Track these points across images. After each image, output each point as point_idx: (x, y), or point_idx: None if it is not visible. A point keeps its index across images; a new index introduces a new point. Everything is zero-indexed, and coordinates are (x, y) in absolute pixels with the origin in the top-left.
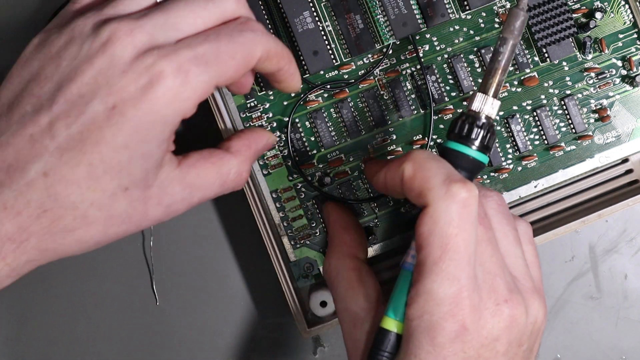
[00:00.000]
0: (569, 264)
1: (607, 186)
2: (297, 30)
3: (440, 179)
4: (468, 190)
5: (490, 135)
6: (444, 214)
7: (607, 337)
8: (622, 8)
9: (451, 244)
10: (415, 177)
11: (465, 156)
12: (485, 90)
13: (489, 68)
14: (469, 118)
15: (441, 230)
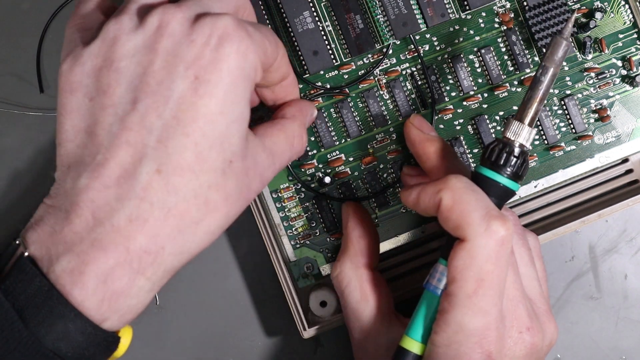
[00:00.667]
0: (569, 264)
1: (607, 186)
2: (297, 30)
3: (480, 214)
4: (507, 229)
5: (524, 164)
6: (482, 251)
7: (607, 337)
8: (622, 8)
9: (487, 280)
10: (454, 210)
11: (497, 184)
12: (521, 118)
13: (528, 96)
14: (504, 146)
15: (478, 267)
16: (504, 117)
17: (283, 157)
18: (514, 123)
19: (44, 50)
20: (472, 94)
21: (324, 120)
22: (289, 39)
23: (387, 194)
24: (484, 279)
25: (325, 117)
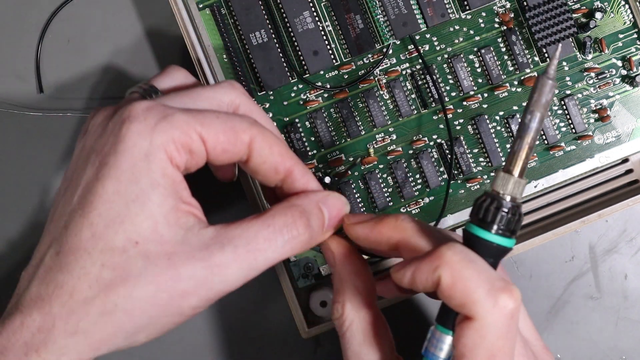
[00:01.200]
0: (569, 264)
1: (607, 186)
2: (297, 30)
3: (485, 288)
4: (515, 300)
5: (517, 218)
6: (493, 329)
7: (607, 337)
8: (622, 8)
9: (498, 355)
10: (456, 287)
11: (490, 244)
12: (510, 169)
13: (517, 146)
14: (494, 202)
15: (490, 344)
16: (504, 117)
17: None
18: (502, 176)
19: (44, 50)
20: (472, 94)
21: (324, 120)
22: (289, 39)
23: (387, 193)
24: (495, 355)
25: (325, 117)
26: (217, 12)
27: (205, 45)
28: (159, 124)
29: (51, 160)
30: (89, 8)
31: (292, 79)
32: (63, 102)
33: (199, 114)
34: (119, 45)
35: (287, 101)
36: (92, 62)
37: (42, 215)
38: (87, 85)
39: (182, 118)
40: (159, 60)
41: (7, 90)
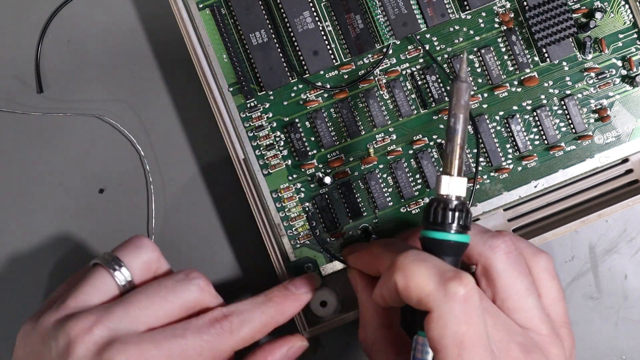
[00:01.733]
0: (569, 264)
1: (607, 186)
2: (297, 30)
3: (434, 281)
4: (465, 285)
5: (466, 214)
6: (449, 316)
7: (607, 337)
8: (622, 8)
9: (465, 340)
10: (409, 287)
11: (446, 242)
12: (447, 171)
13: (450, 148)
14: (440, 203)
15: (452, 332)
16: (504, 117)
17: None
18: (443, 178)
19: (43, 51)
20: (472, 94)
21: (324, 120)
22: (289, 39)
23: (387, 194)
24: (462, 340)
25: (325, 117)
26: (217, 12)
27: (205, 45)
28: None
29: (51, 160)
30: (89, 8)
31: (292, 79)
32: (63, 102)
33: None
34: (119, 45)
35: (287, 101)
36: (92, 62)
37: (42, 216)
38: (87, 85)
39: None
40: (159, 60)
41: (7, 90)
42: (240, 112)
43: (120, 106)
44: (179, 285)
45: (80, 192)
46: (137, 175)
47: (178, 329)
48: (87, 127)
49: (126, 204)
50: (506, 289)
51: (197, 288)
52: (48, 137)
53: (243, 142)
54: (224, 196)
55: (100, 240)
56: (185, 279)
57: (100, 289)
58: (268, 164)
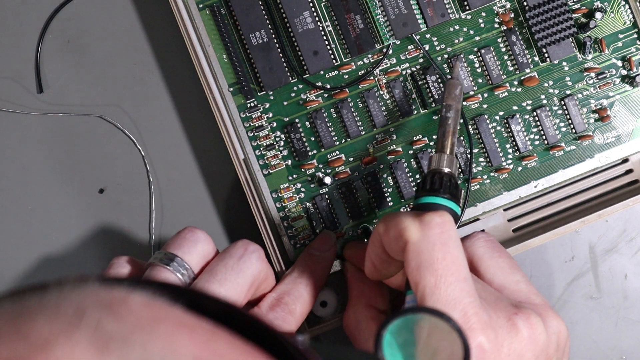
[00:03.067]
0: (569, 264)
1: (607, 186)
2: (297, 30)
3: (410, 217)
4: (440, 215)
5: (456, 186)
6: (424, 243)
7: (607, 337)
8: (622, 8)
9: (441, 268)
10: (389, 229)
11: (435, 205)
12: (441, 150)
13: (441, 132)
14: (435, 174)
15: (427, 258)
16: (504, 117)
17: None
18: (436, 156)
19: (43, 50)
20: (472, 94)
21: (324, 120)
22: (289, 39)
23: (387, 193)
24: (437, 268)
25: (325, 117)
26: (217, 12)
27: (205, 45)
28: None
29: (51, 160)
30: (89, 8)
31: (292, 79)
32: (63, 102)
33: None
34: (119, 45)
35: (287, 101)
36: (92, 62)
37: (42, 216)
38: (87, 85)
39: None
40: (159, 60)
41: (7, 90)
42: (240, 112)
43: (120, 106)
44: (243, 265)
45: (80, 192)
46: (137, 175)
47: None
48: (87, 127)
49: (126, 204)
50: (491, 268)
51: (257, 260)
52: (48, 137)
53: (243, 142)
54: (224, 196)
55: (100, 240)
56: (245, 253)
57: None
58: (268, 164)
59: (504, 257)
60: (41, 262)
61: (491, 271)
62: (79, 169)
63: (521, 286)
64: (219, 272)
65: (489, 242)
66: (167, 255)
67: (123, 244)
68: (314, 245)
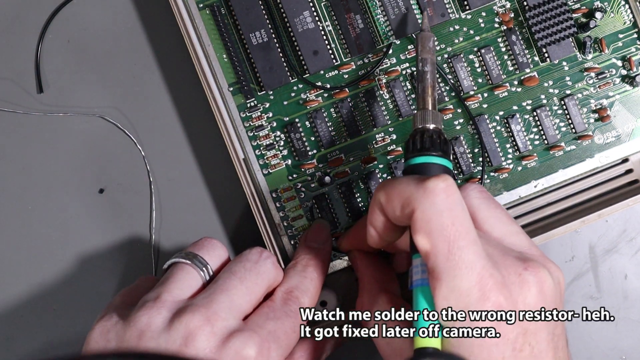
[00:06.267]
0: (569, 264)
1: (607, 186)
2: (297, 30)
3: (413, 184)
4: (444, 180)
5: (444, 140)
6: (432, 209)
7: (607, 337)
8: (622, 8)
9: (452, 233)
10: (391, 197)
11: (428, 165)
12: (423, 106)
13: (421, 88)
14: (418, 133)
15: (437, 225)
16: (504, 117)
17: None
18: (419, 113)
19: (43, 51)
20: (472, 94)
21: (324, 120)
22: (289, 38)
23: None
24: (448, 234)
25: (325, 117)
26: (217, 12)
27: (205, 45)
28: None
29: (51, 160)
30: (89, 8)
31: (292, 79)
32: (63, 102)
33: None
34: (119, 45)
35: (287, 101)
36: (92, 62)
37: (42, 216)
38: (87, 85)
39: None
40: (159, 60)
41: (7, 90)
42: (240, 112)
43: (120, 106)
44: (260, 268)
45: (80, 192)
46: (137, 175)
47: (271, 314)
48: (87, 127)
49: (126, 204)
50: (489, 219)
51: (272, 265)
52: (48, 137)
53: (243, 142)
54: (224, 196)
55: (100, 240)
56: (260, 259)
57: (190, 284)
58: (268, 163)
59: (500, 208)
60: (41, 262)
61: (490, 222)
62: (79, 169)
63: (521, 237)
64: (238, 271)
65: (484, 193)
66: (189, 254)
67: (123, 243)
68: (310, 237)
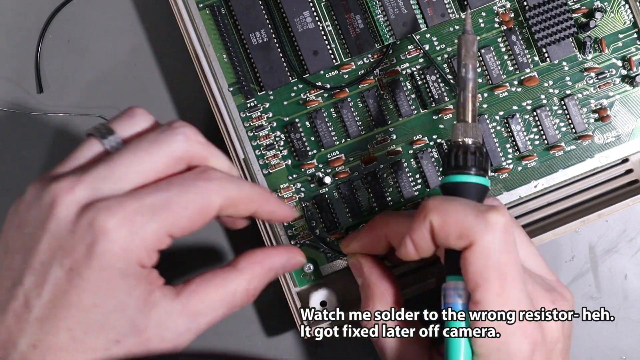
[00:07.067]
0: (569, 264)
1: (607, 186)
2: (297, 30)
3: (472, 214)
4: (503, 214)
5: (484, 157)
6: (493, 246)
7: (607, 337)
8: (622, 8)
9: (507, 272)
10: (447, 223)
11: (468, 185)
12: (462, 119)
13: (463, 97)
14: (459, 148)
15: (495, 262)
16: (504, 117)
17: (213, 315)
18: (459, 125)
19: (44, 50)
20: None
21: (324, 120)
22: (289, 39)
23: (387, 193)
24: (504, 271)
25: (325, 117)
26: (217, 12)
27: (205, 45)
28: (133, 242)
29: (51, 160)
30: (89, 8)
31: (292, 79)
32: (63, 102)
33: (166, 215)
34: (119, 45)
35: (287, 101)
36: (92, 62)
37: None
38: (87, 85)
39: (151, 229)
40: (159, 60)
41: (7, 90)
42: (240, 112)
43: (120, 106)
44: (163, 136)
45: None
46: None
47: (162, 184)
48: (87, 127)
49: None
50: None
51: (183, 137)
52: (48, 137)
53: (243, 142)
54: None
55: None
56: (169, 129)
57: (88, 155)
58: (268, 163)
59: (520, 229)
60: None
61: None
62: None
63: (539, 259)
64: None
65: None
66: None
67: None
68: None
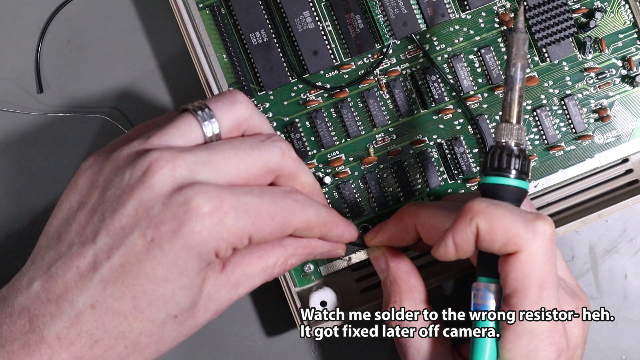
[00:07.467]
0: (569, 264)
1: (607, 186)
2: (297, 30)
3: (520, 222)
4: (550, 224)
5: (526, 161)
6: (539, 256)
7: (607, 337)
8: (622, 8)
9: (547, 281)
10: (495, 229)
11: (507, 187)
12: (508, 119)
13: (510, 97)
14: (502, 150)
15: (539, 272)
16: None
17: (251, 285)
18: (503, 126)
19: (44, 51)
20: (472, 94)
21: (324, 120)
22: (289, 39)
23: (387, 193)
24: (545, 281)
25: (325, 117)
26: (217, 12)
27: (205, 45)
28: (219, 232)
29: (51, 160)
30: (89, 8)
31: (292, 79)
32: (63, 102)
33: (255, 219)
34: (119, 45)
35: (287, 101)
36: (92, 62)
37: (43, 216)
38: (87, 85)
39: (239, 226)
40: (159, 60)
41: (7, 90)
42: None
43: (120, 106)
44: (263, 145)
45: None
46: None
47: (256, 190)
48: (87, 127)
49: None
50: None
51: (279, 150)
52: (48, 137)
53: None
54: None
55: None
56: (268, 140)
57: (186, 134)
58: None
59: None
60: None
61: None
62: None
63: (562, 262)
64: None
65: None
66: (201, 105)
67: None
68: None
